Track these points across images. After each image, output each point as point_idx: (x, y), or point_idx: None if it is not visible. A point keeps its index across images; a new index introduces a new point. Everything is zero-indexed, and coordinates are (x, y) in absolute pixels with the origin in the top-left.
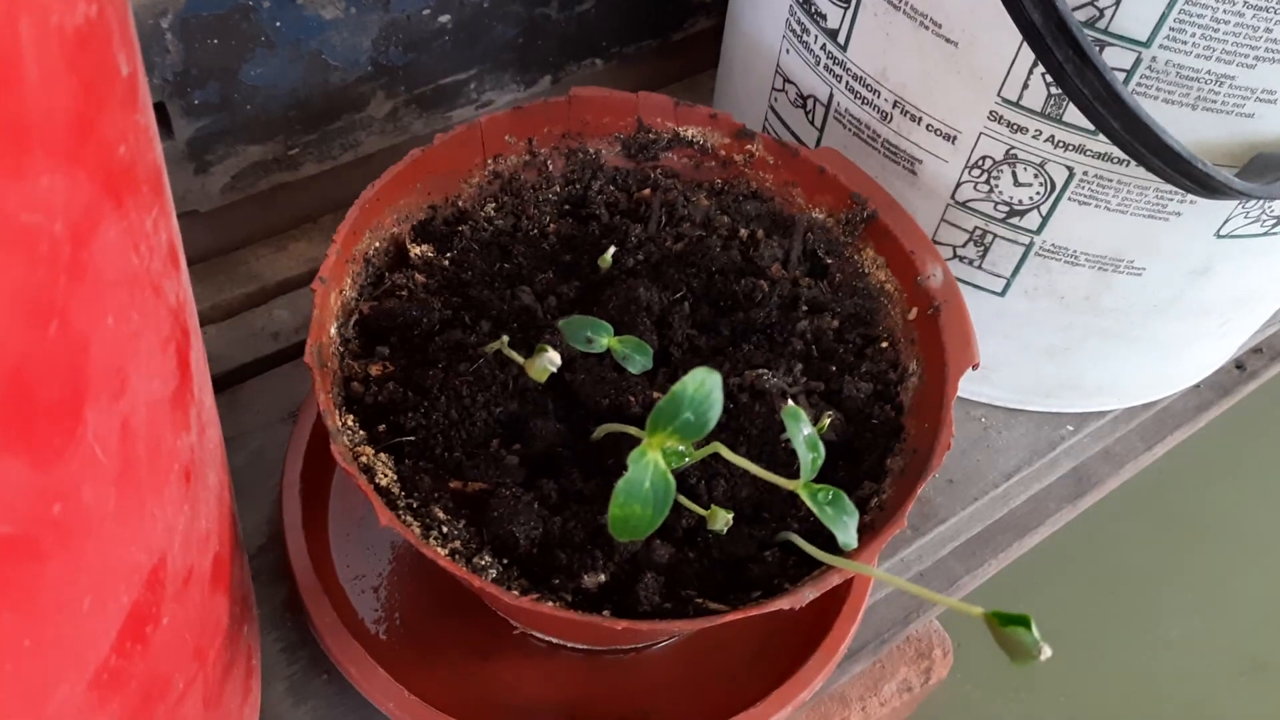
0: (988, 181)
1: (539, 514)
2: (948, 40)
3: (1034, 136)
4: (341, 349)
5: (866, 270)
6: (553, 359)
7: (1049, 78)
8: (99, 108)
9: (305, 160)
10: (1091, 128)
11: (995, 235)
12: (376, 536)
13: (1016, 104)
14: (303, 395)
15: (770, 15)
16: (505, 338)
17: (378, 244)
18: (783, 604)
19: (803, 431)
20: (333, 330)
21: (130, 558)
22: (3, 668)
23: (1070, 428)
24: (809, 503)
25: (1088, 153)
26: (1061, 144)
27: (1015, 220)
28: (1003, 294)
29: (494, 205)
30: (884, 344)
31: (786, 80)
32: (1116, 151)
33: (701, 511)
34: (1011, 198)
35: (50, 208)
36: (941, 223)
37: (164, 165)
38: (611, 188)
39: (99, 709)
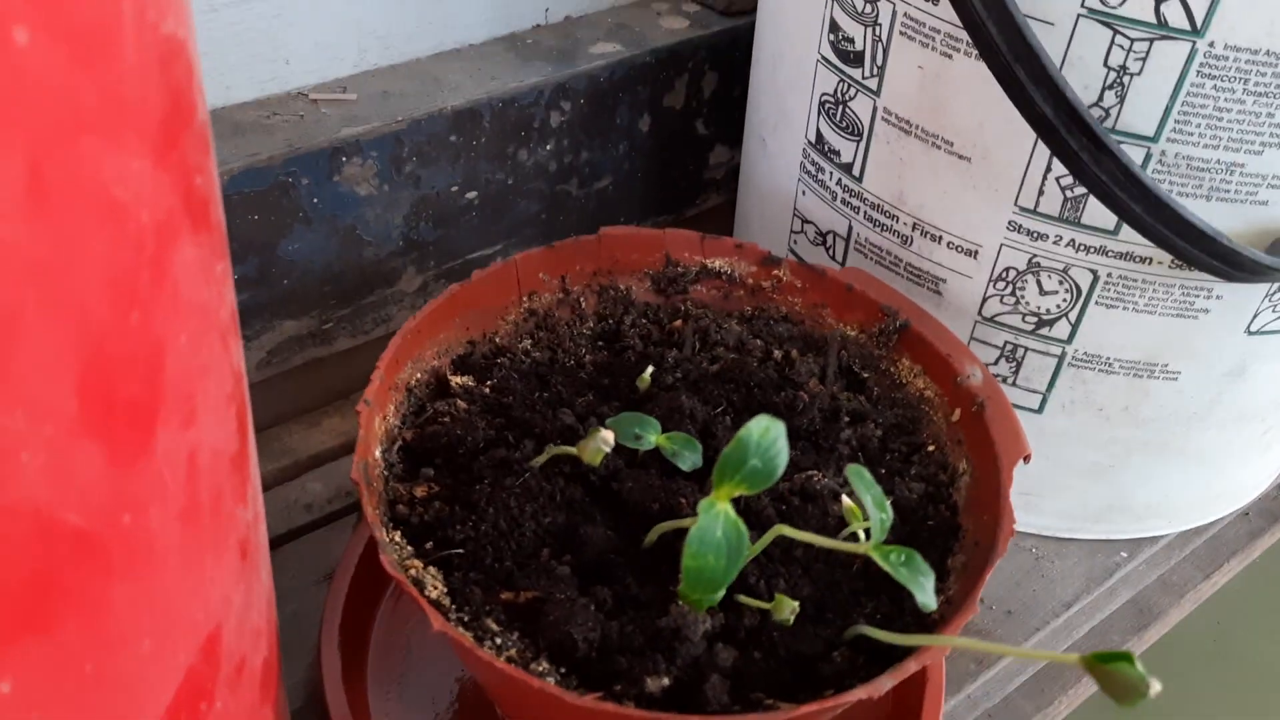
0: (1013, 293)
1: (596, 617)
2: (960, 157)
3: (1055, 242)
4: (386, 473)
5: (904, 380)
6: (606, 439)
7: (1064, 180)
8: (182, 126)
9: (338, 335)
10: (1111, 227)
11: (1026, 349)
12: (418, 693)
13: (1034, 211)
14: (337, 558)
15: (785, 163)
16: (551, 447)
17: (419, 375)
18: (860, 694)
19: (869, 491)
20: (377, 453)
21: (190, 613)
22: (62, 689)
23: (1124, 554)
24: (882, 564)
25: (1110, 254)
26: (1083, 247)
27: (1045, 331)
28: (1040, 410)
29: (530, 341)
30: (930, 448)
31: (805, 220)
32: (1139, 249)
33: (764, 605)
34: (1039, 307)
35: (139, 193)
36: (971, 341)
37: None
38: (644, 320)
39: None
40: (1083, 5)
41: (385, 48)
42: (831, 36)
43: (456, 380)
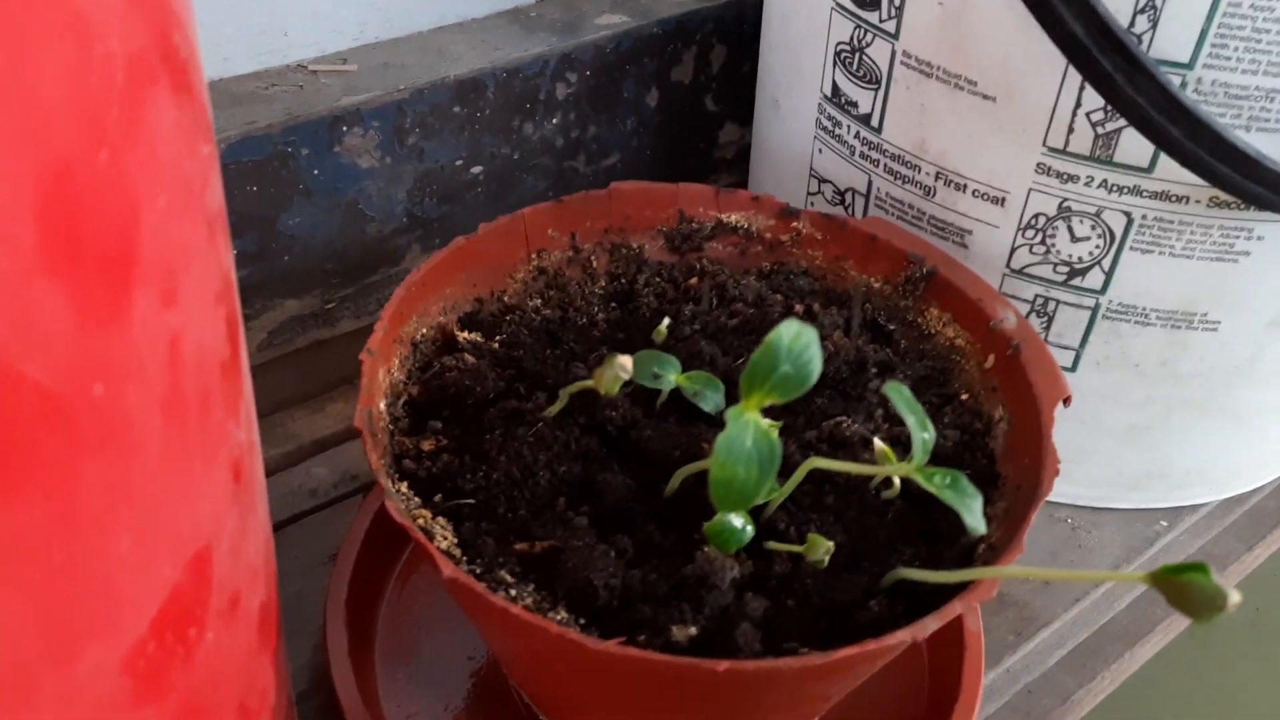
0: (1043, 242)
1: (617, 564)
2: (985, 97)
3: (1086, 184)
4: (391, 426)
5: (933, 330)
6: (624, 365)
7: (1095, 115)
8: None
9: (342, 315)
10: (1146, 164)
11: (1058, 301)
12: (429, 675)
13: (1064, 151)
14: (342, 540)
15: (800, 122)
16: (565, 392)
17: (425, 330)
18: (902, 636)
19: (911, 409)
20: (382, 406)
21: (174, 521)
22: (28, 576)
23: (1164, 523)
24: (926, 485)
25: (1144, 193)
26: (1116, 188)
27: (1077, 281)
28: (1074, 368)
29: (540, 300)
30: (964, 397)
31: (822, 180)
32: (1175, 187)
33: (796, 548)
34: (1070, 255)
35: (106, 13)
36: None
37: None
38: (658, 279)
39: (131, 708)
40: None
41: (386, 20)
42: None
43: (464, 336)
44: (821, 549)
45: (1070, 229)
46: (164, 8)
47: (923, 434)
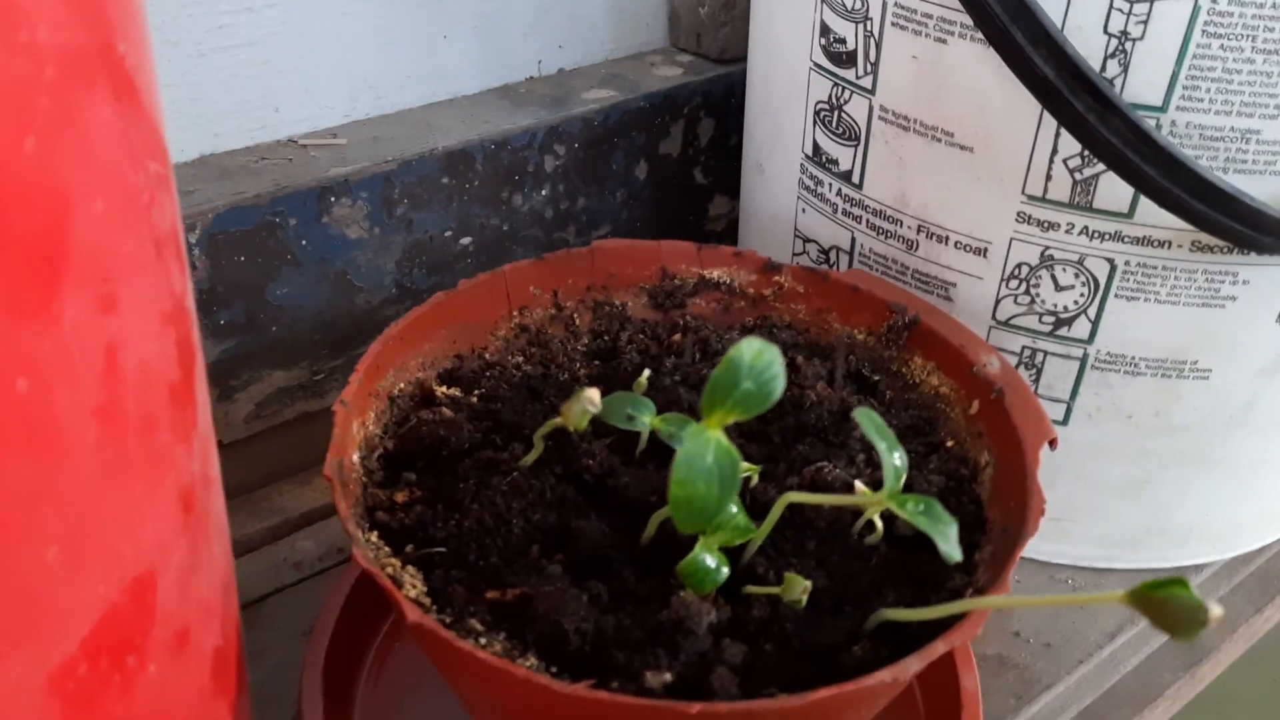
0: (1028, 292)
1: (589, 608)
2: (962, 147)
3: (1067, 231)
4: (365, 479)
5: (918, 380)
6: (591, 398)
7: (1072, 162)
8: None
9: (331, 387)
10: (1125, 209)
11: (1046, 353)
12: None
13: (1043, 199)
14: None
15: (783, 184)
16: (539, 438)
17: (402, 385)
18: (884, 676)
19: (882, 435)
20: (355, 458)
21: (110, 540)
22: None
23: None
24: (899, 512)
25: (1126, 239)
26: (1097, 234)
27: (1064, 331)
28: (1065, 422)
29: (522, 357)
30: (949, 444)
31: (806, 240)
32: (1157, 232)
33: (773, 591)
34: (1055, 305)
35: (33, 6)
36: None
37: (169, 159)
38: (641, 336)
39: None
40: None
41: (377, 97)
42: (823, 40)
43: (442, 391)
44: (798, 588)
45: (1054, 278)
46: (103, 11)
47: (893, 460)
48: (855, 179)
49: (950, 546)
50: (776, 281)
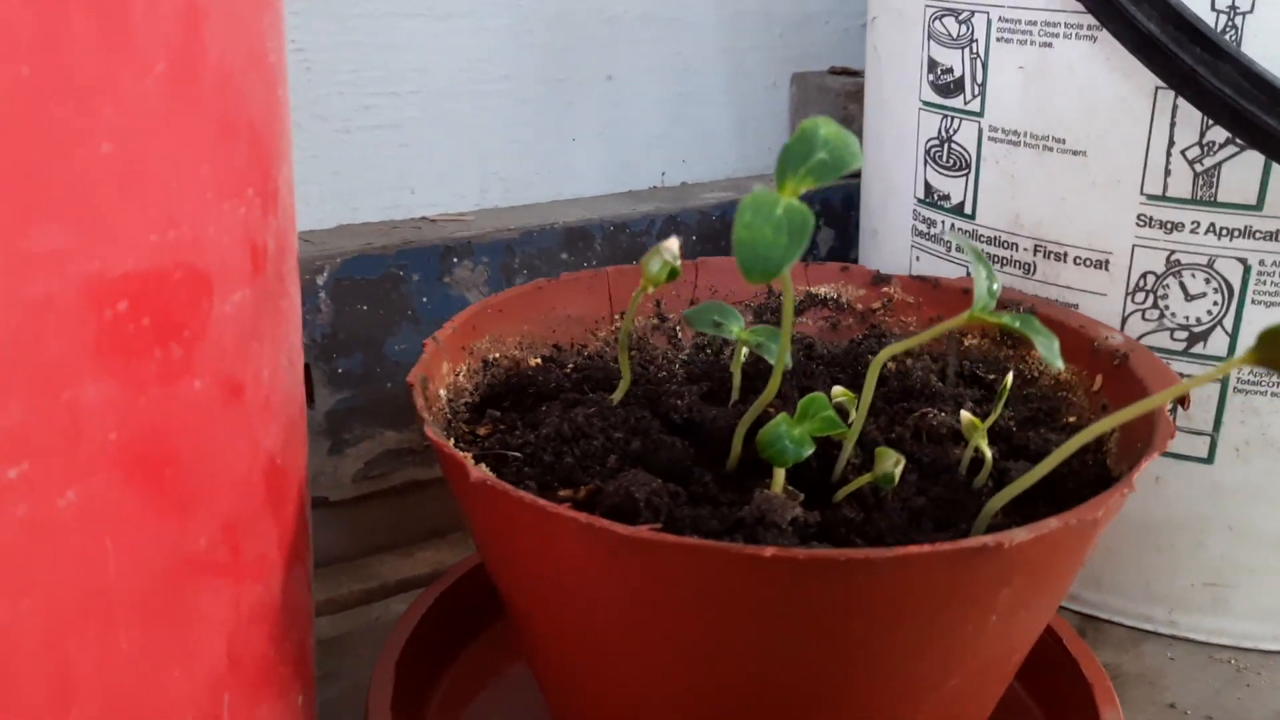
0: (1155, 304)
1: (664, 487)
2: (1075, 153)
3: (1192, 231)
4: (450, 415)
5: (1036, 374)
6: (670, 248)
7: (1190, 152)
8: None
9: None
10: (1254, 200)
11: (1182, 376)
12: None
13: (1164, 197)
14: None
15: (896, 236)
16: (627, 373)
17: (497, 354)
18: (987, 540)
19: (980, 261)
20: (441, 393)
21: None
22: None
23: None
24: (996, 322)
25: (1258, 234)
26: (1225, 231)
27: (1199, 348)
28: (1210, 459)
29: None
30: (1071, 419)
31: None
32: None
33: (864, 481)
34: (1187, 317)
35: None
36: None
37: None
38: (745, 350)
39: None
40: None
41: (506, 189)
42: (930, 75)
43: (535, 361)
44: (890, 460)
45: (1183, 285)
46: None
47: (989, 283)
48: (967, 209)
49: (1051, 353)
50: (886, 293)
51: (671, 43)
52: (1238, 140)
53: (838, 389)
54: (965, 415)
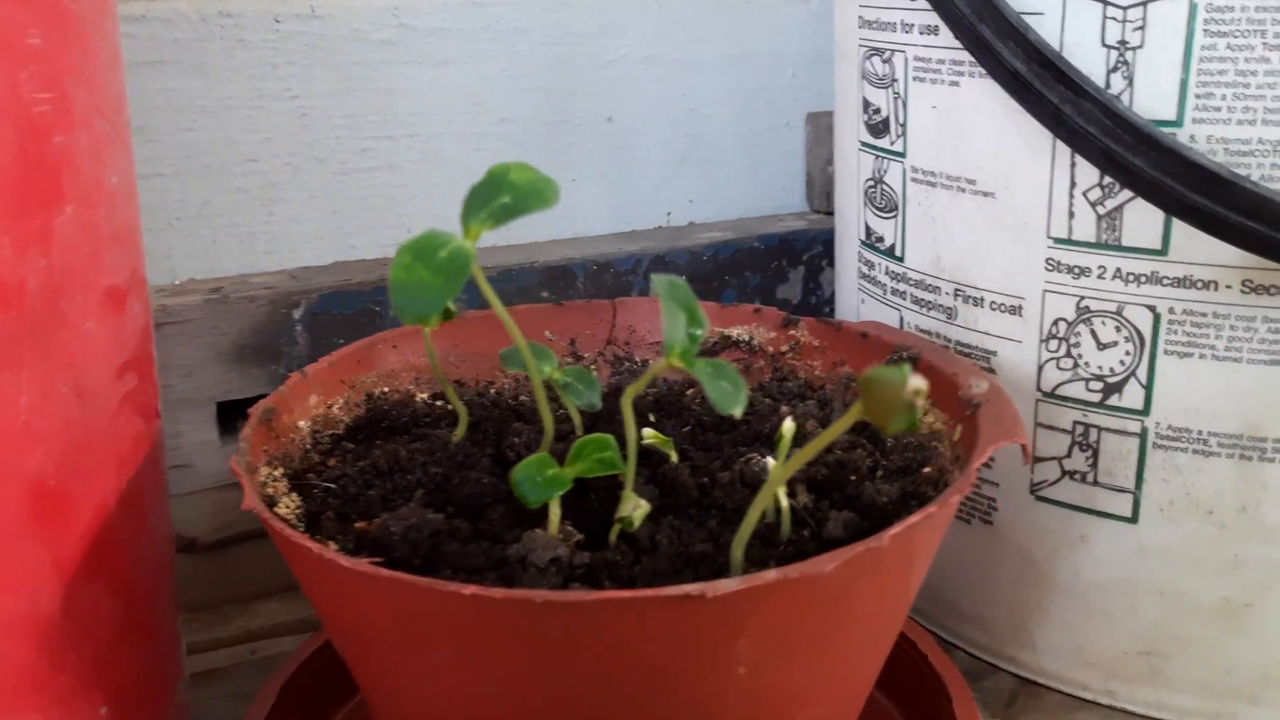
0: (1069, 354)
1: (424, 519)
2: (984, 194)
3: (1099, 276)
4: (309, 446)
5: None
6: (640, 503)
7: (1091, 194)
8: None
9: None
10: (1157, 244)
11: (1099, 429)
12: None
13: (1069, 240)
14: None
15: (848, 276)
16: (464, 414)
17: (386, 389)
18: (690, 589)
19: (682, 303)
20: (302, 424)
21: None
22: None
23: None
24: (684, 366)
25: (1165, 280)
26: (1132, 276)
27: (1115, 400)
28: (1134, 519)
29: (527, 396)
30: (926, 470)
31: None
32: (1198, 271)
33: (625, 520)
34: (1100, 366)
35: None
36: (1037, 428)
37: None
38: (654, 390)
39: None
40: None
41: (505, 229)
42: (865, 115)
43: (423, 397)
44: (629, 504)
45: (1094, 333)
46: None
47: (688, 329)
48: (898, 252)
49: (724, 400)
50: (793, 336)
51: (677, 84)
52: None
53: (648, 430)
54: (771, 461)
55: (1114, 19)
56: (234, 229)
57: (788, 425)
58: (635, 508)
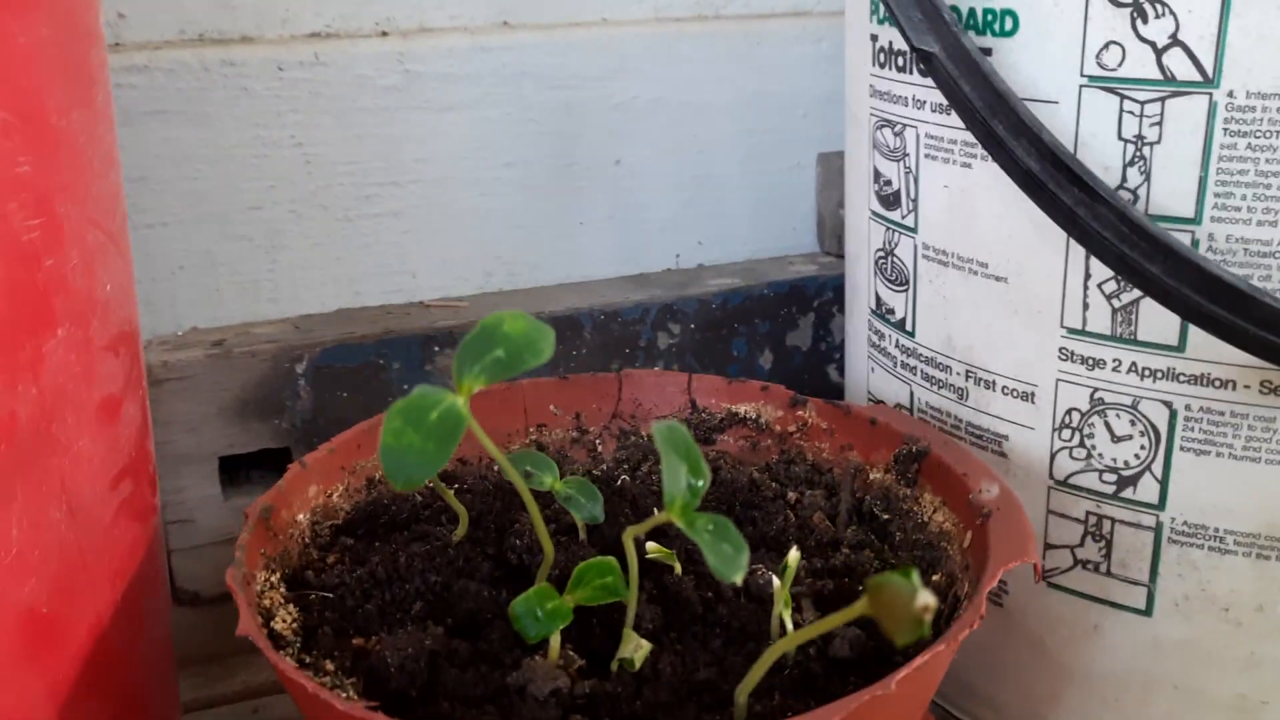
0: (1082, 444)
1: (429, 650)
2: (997, 279)
3: (1115, 369)
4: (308, 540)
5: (927, 519)
6: (641, 644)
7: (1107, 286)
8: None
9: None
10: (1174, 341)
11: (1113, 520)
12: None
13: (1083, 331)
14: None
15: (857, 344)
16: (464, 516)
17: None
18: None
19: (681, 454)
20: (301, 517)
21: None
22: None
23: None
24: (686, 530)
25: (1181, 378)
26: (1148, 372)
27: (1129, 493)
28: (1149, 612)
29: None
30: (935, 577)
31: (875, 401)
32: (1216, 369)
33: (627, 660)
34: (1115, 459)
35: None
36: (1049, 515)
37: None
38: (654, 469)
39: None
40: (1081, 74)
41: (510, 274)
42: (875, 185)
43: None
44: (630, 645)
45: (1109, 426)
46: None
47: (690, 479)
48: (908, 326)
49: (725, 565)
50: (801, 417)
51: (685, 126)
52: None
53: (651, 545)
54: (775, 582)
55: (1131, 113)
56: (237, 277)
57: (793, 556)
58: (636, 649)
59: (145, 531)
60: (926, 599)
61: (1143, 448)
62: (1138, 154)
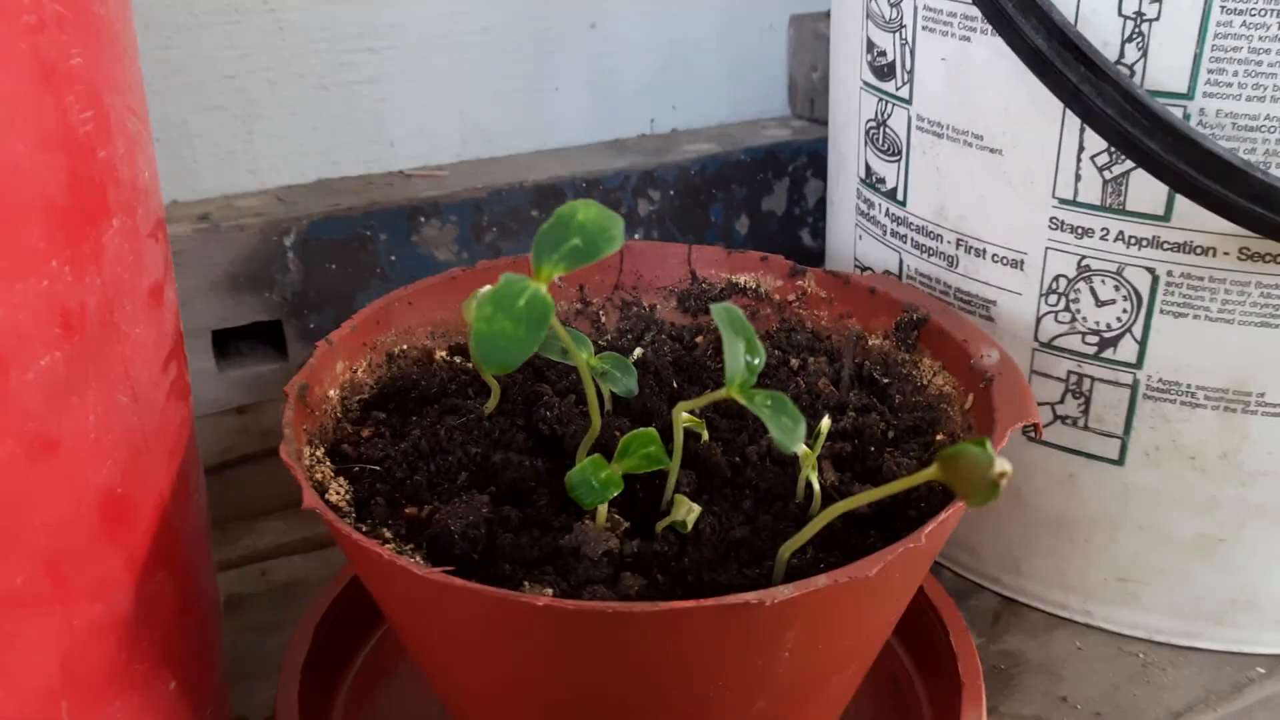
0: (1067, 308)
1: (485, 517)
2: (991, 150)
3: (1102, 237)
4: (340, 415)
5: (925, 381)
6: (693, 508)
7: (1099, 159)
8: None
9: None
10: (1160, 210)
11: (1093, 379)
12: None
13: (1074, 202)
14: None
15: (843, 212)
16: (496, 387)
17: (405, 346)
18: (749, 597)
19: (739, 331)
20: (332, 393)
21: None
22: None
23: (1261, 670)
24: (746, 404)
25: (1165, 245)
26: (1134, 240)
27: (1110, 353)
28: (1121, 461)
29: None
30: (939, 437)
31: (863, 269)
32: (1198, 238)
33: (677, 521)
34: (1098, 322)
35: None
36: (1032, 375)
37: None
38: (665, 338)
39: None
40: None
41: (487, 141)
42: (869, 56)
43: (442, 355)
44: (683, 509)
45: (1093, 291)
46: None
47: (747, 357)
48: (900, 196)
49: (785, 436)
50: (800, 286)
51: None
52: None
53: (685, 416)
54: (802, 449)
55: None
56: (215, 148)
57: (825, 423)
58: (689, 511)
59: (188, 410)
60: (1004, 465)
61: (1124, 311)
62: (1136, 30)
